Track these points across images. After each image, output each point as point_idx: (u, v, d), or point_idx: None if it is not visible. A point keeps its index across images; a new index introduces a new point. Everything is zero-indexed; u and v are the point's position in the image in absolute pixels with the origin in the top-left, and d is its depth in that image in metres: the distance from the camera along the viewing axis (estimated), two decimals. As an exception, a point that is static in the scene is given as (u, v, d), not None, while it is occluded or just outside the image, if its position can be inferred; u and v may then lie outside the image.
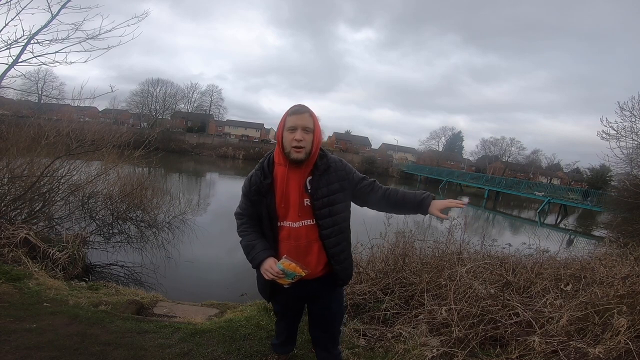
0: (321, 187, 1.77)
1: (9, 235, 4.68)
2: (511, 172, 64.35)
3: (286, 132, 1.73)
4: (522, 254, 4.39)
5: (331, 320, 2.07)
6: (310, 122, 1.73)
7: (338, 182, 1.81)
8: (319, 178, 1.78)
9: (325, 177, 1.79)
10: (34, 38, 4.18)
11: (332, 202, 1.79)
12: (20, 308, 3.02)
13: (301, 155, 1.72)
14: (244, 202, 1.92)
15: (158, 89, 60.11)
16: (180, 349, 2.63)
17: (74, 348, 2.47)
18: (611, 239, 5.93)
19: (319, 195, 1.77)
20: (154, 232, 8.32)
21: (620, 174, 10.82)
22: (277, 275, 1.71)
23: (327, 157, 1.83)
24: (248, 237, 1.88)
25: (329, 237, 1.81)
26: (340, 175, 1.83)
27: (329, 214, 1.79)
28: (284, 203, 1.78)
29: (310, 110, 1.76)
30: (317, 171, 1.78)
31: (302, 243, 1.80)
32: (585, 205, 27.52)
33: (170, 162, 29.64)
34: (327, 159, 1.82)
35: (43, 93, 34.73)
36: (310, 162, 1.78)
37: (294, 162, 1.74)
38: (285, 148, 1.74)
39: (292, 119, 1.73)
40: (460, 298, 2.89)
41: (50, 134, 6.36)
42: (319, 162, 1.80)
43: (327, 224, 1.79)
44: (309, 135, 1.73)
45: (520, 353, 2.38)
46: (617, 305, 2.49)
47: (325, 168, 1.80)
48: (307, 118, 1.73)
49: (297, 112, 1.74)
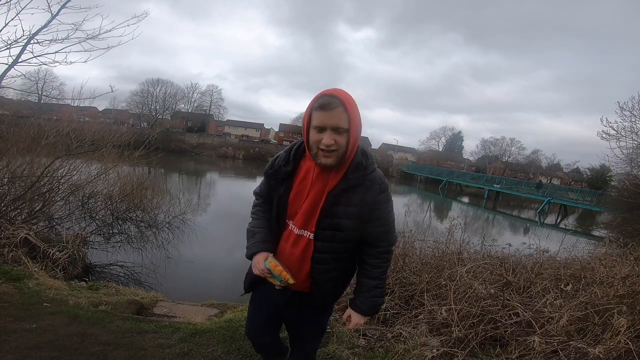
0: (339, 204, 1.42)
1: (9, 235, 4.68)
2: (511, 172, 64.38)
3: (312, 131, 1.36)
4: (522, 254, 4.39)
5: (307, 338, 1.80)
6: (344, 120, 1.32)
7: (361, 206, 1.42)
8: (341, 193, 1.41)
9: (349, 195, 1.42)
10: (33, 38, 4.17)
11: (339, 227, 1.44)
12: (20, 308, 3.02)
13: (330, 160, 1.37)
14: (264, 182, 1.65)
15: (158, 89, 60.29)
16: (180, 349, 2.63)
17: (73, 348, 2.47)
18: (611, 239, 5.91)
19: (331, 213, 1.43)
20: (154, 232, 8.31)
21: (620, 174, 10.84)
22: (263, 272, 1.48)
23: (367, 170, 1.43)
24: (255, 222, 1.65)
25: (320, 263, 1.51)
26: (368, 201, 1.42)
27: (332, 239, 1.46)
28: (297, 202, 1.49)
29: (344, 102, 1.32)
30: (344, 183, 1.41)
31: (296, 253, 1.52)
32: (585, 205, 27.53)
33: (170, 162, 29.62)
34: (365, 173, 1.42)
35: (43, 93, 34.71)
36: (343, 166, 1.42)
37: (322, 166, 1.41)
38: (311, 149, 1.39)
39: (319, 117, 1.33)
40: (460, 298, 2.89)
41: (50, 134, 6.36)
42: (351, 174, 1.41)
43: (325, 248, 1.48)
44: (341, 137, 1.34)
45: (520, 353, 2.38)
46: (617, 305, 2.49)
47: (356, 184, 1.41)
48: (340, 115, 1.32)
49: (325, 106, 1.32)
